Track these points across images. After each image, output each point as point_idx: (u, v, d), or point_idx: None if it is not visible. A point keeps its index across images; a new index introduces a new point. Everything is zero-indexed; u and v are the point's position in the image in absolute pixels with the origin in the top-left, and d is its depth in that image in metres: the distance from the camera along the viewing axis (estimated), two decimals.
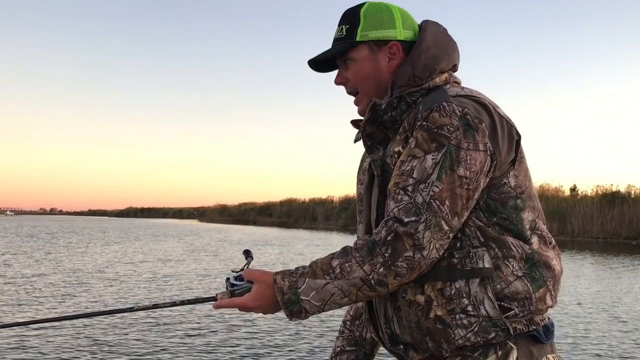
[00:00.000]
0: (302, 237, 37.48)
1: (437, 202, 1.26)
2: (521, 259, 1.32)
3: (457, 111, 1.30)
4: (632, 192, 35.91)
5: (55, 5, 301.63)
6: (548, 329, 1.39)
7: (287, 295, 1.29)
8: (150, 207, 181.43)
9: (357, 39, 1.45)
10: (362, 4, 1.48)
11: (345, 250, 1.31)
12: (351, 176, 1.64)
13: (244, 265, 1.45)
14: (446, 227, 1.27)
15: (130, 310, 1.49)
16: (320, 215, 69.59)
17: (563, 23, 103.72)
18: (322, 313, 1.36)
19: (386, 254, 1.24)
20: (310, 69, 1.55)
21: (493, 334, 1.31)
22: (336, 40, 1.49)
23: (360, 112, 1.52)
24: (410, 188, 1.28)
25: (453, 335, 1.31)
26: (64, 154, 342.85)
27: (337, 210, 64.83)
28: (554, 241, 1.43)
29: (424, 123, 1.31)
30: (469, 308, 1.30)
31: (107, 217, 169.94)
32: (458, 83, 1.47)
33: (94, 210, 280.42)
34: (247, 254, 1.54)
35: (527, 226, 1.36)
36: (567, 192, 40.64)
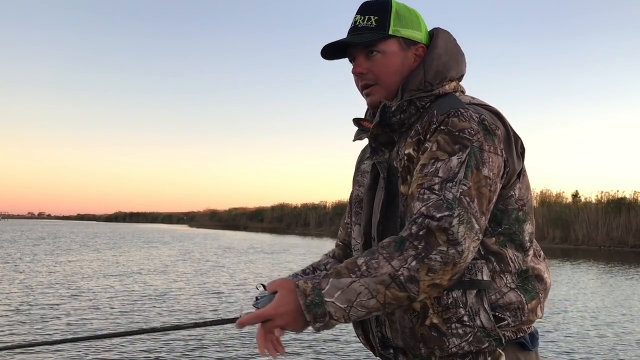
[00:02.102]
0: (306, 244, 35.97)
1: (467, 198, 1.25)
2: (515, 273, 1.35)
3: (474, 117, 1.33)
4: (639, 198, 34.60)
5: (53, 14, 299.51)
6: (534, 336, 1.42)
7: (310, 298, 1.23)
8: (140, 212, 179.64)
9: (390, 32, 1.44)
10: (387, 0, 1.47)
11: (371, 250, 1.27)
12: (345, 181, 1.45)
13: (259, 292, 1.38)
14: (476, 226, 1.25)
15: (153, 330, 1.47)
16: (313, 221, 68.18)
17: (564, 26, 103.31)
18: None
19: (419, 247, 1.21)
20: (320, 54, 1.50)
21: (486, 344, 1.32)
22: (363, 29, 1.45)
23: (372, 103, 1.49)
24: (437, 187, 1.26)
25: (447, 344, 1.33)
26: (53, 158, 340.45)
27: (330, 215, 63.50)
28: (542, 253, 1.47)
29: (442, 127, 1.32)
30: (465, 318, 1.32)
31: (95, 222, 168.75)
32: (463, 92, 1.49)
33: (82, 214, 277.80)
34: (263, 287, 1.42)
35: (527, 238, 1.38)
36: (569, 199, 39.46)
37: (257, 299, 1.34)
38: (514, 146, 1.38)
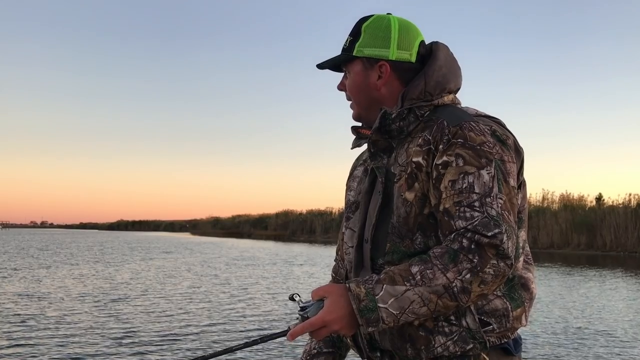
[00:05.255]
0: (314, 253, 33.94)
1: (506, 212, 1.29)
2: (505, 281, 1.35)
3: (486, 130, 1.37)
4: None
5: (53, 25, 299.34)
6: (517, 342, 1.45)
7: (364, 303, 1.26)
8: (142, 220, 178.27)
9: (354, 53, 1.53)
10: (369, 17, 1.54)
11: (422, 258, 1.29)
12: None
13: (300, 301, 1.37)
14: (515, 236, 1.29)
15: (202, 359, 1.41)
16: (319, 228, 66.64)
17: (581, 24, 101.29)
18: None
19: (474, 260, 1.24)
20: (317, 69, 1.61)
21: (471, 345, 1.35)
22: (341, 50, 1.56)
23: (353, 117, 1.59)
24: (477, 204, 1.29)
25: (433, 343, 1.36)
26: (55, 167, 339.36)
27: (337, 222, 61.63)
28: (531, 260, 1.49)
29: (460, 140, 1.35)
30: (452, 317, 1.35)
31: (97, 230, 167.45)
32: (459, 105, 1.52)
33: (85, 223, 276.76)
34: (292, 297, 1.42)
35: (521, 244, 1.40)
36: (592, 202, 37.34)
37: (302, 308, 1.33)
38: (520, 155, 1.43)
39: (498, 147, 1.35)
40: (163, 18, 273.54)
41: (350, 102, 1.58)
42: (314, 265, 23.74)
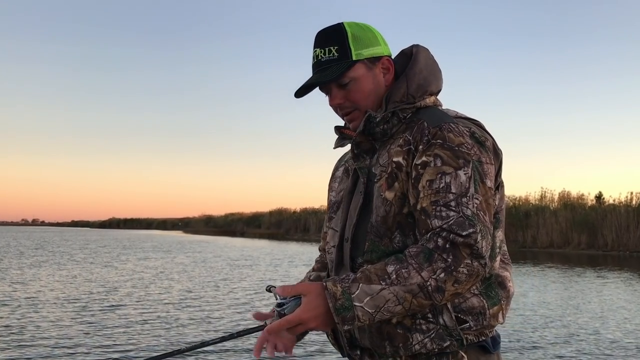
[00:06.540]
0: (309, 252, 33.18)
1: (481, 212, 1.31)
2: (479, 280, 1.36)
3: (465, 131, 1.39)
4: None
5: (49, 23, 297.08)
6: (495, 340, 1.47)
7: (340, 301, 1.28)
8: (134, 218, 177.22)
9: (354, 58, 1.49)
10: (339, 25, 1.51)
11: (398, 258, 1.31)
12: None
13: (277, 295, 1.37)
14: (489, 237, 1.31)
15: (178, 352, 1.40)
16: (313, 226, 65.88)
17: (582, 23, 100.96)
18: None
19: (448, 260, 1.26)
20: (294, 95, 1.55)
21: (448, 342, 1.37)
22: (327, 62, 1.50)
23: (356, 127, 1.54)
24: (453, 203, 1.31)
25: (411, 340, 1.37)
26: (46, 164, 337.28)
27: None
28: (509, 259, 1.52)
29: (439, 141, 1.37)
30: (429, 315, 1.37)
31: (89, 228, 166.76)
32: (441, 106, 1.54)
33: (76, 221, 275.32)
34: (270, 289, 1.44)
35: (497, 244, 1.41)
36: (593, 200, 36.73)
37: (279, 304, 1.33)
38: (498, 157, 1.44)
39: (476, 148, 1.37)
40: (161, 15, 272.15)
41: (348, 115, 1.53)
42: (309, 265, 23.02)
